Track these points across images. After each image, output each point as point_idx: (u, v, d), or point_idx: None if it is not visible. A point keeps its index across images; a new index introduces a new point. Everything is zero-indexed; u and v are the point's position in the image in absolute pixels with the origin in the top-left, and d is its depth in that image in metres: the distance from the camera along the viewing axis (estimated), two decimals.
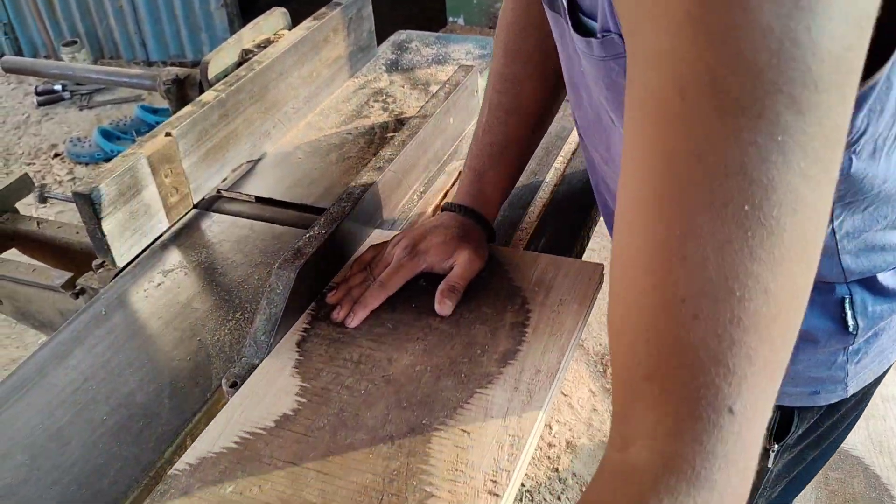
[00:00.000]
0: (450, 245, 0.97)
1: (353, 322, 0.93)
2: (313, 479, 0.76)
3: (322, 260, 0.98)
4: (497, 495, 0.72)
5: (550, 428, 2.10)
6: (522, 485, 1.98)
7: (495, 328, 0.91)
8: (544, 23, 0.98)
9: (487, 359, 0.86)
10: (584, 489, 1.92)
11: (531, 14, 0.99)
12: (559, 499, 1.95)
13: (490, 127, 1.03)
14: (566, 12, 0.69)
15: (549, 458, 2.03)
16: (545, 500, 1.95)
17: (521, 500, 1.95)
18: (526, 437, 0.77)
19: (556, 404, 2.17)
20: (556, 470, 2.00)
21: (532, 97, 1.02)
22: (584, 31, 0.67)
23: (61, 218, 2.91)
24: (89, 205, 1.05)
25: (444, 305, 0.93)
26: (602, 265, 0.97)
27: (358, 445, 0.79)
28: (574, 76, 0.82)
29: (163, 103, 3.66)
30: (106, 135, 3.42)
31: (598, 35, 0.64)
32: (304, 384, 0.87)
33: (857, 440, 2.00)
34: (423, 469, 0.75)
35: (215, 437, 0.81)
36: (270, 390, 0.86)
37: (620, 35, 0.61)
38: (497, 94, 1.02)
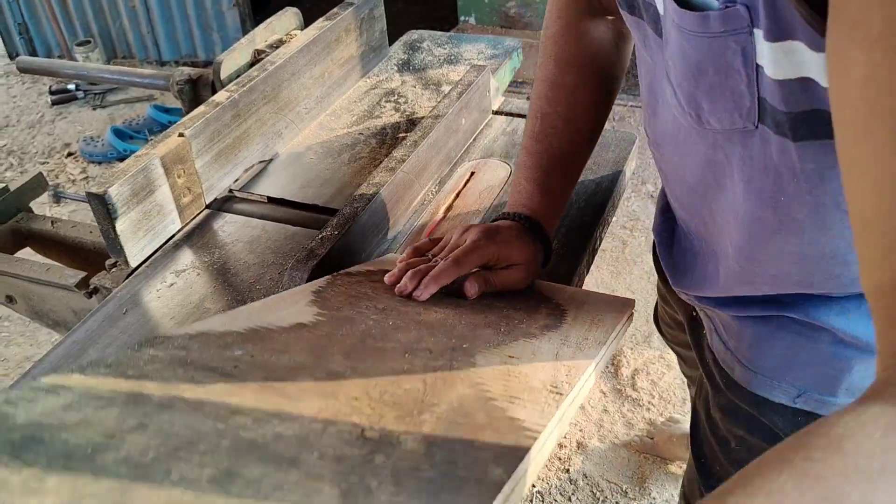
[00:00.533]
0: (515, 250, 0.92)
1: (424, 295, 0.85)
2: (338, 362, 0.67)
3: (334, 261, 0.98)
4: (560, 393, 0.64)
5: None
6: (533, 486, 1.97)
7: (532, 312, 0.85)
8: (593, 30, 0.98)
9: (527, 325, 0.80)
10: (594, 491, 1.92)
11: (581, 22, 0.98)
12: (570, 500, 1.94)
13: (545, 136, 0.99)
14: None
15: (559, 458, 2.03)
16: (556, 501, 1.94)
17: (531, 501, 1.94)
18: (579, 377, 0.68)
19: None
20: (567, 471, 2.00)
21: (586, 105, 0.99)
22: (692, 6, 0.64)
23: (75, 217, 2.92)
24: (103, 205, 1.05)
25: (472, 286, 0.88)
26: (633, 301, 0.92)
27: (390, 351, 0.70)
28: (654, 82, 0.81)
29: (175, 103, 3.68)
30: (119, 134, 3.44)
31: (720, 5, 0.61)
32: (322, 311, 0.77)
33: None
34: (472, 367, 0.67)
35: (216, 323, 0.71)
36: (284, 305, 0.77)
37: (747, 6, 0.59)
38: (549, 103, 0.99)
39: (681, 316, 1.11)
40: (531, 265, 0.93)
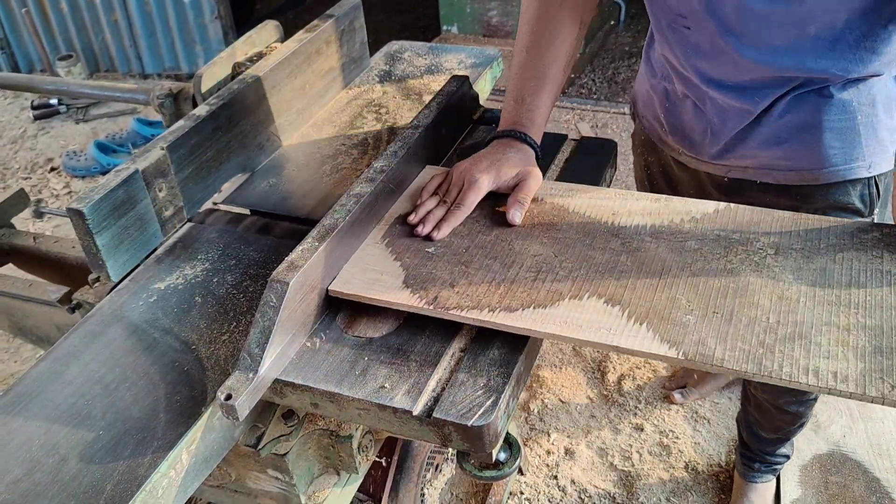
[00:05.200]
0: (514, 165, 1.14)
1: (440, 235, 1.08)
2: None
3: (315, 272, 0.98)
4: None
5: (549, 435, 2.10)
6: (521, 492, 1.98)
7: None
8: None
9: None
10: (582, 497, 1.93)
11: None
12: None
13: (529, 64, 1.22)
14: None
15: (547, 465, 2.03)
16: None
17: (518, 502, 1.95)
18: None
19: (553, 412, 2.17)
20: (555, 477, 2.00)
21: (565, 37, 1.21)
22: None
23: (58, 232, 2.91)
24: (83, 220, 1.05)
25: (516, 216, 1.10)
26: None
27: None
28: None
29: (159, 116, 3.67)
30: (102, 148, 3.43)
31: None
32: (425, 249, 1.08)
33: (856, 443, 2.00)
34: None
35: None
36: (382, 257, 1.07)
37: None
38: (533, 34, 1.22)
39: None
40: (531, 165, 1.16)
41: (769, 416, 1.70)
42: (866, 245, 1.00)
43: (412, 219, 1.12)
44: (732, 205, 1.09)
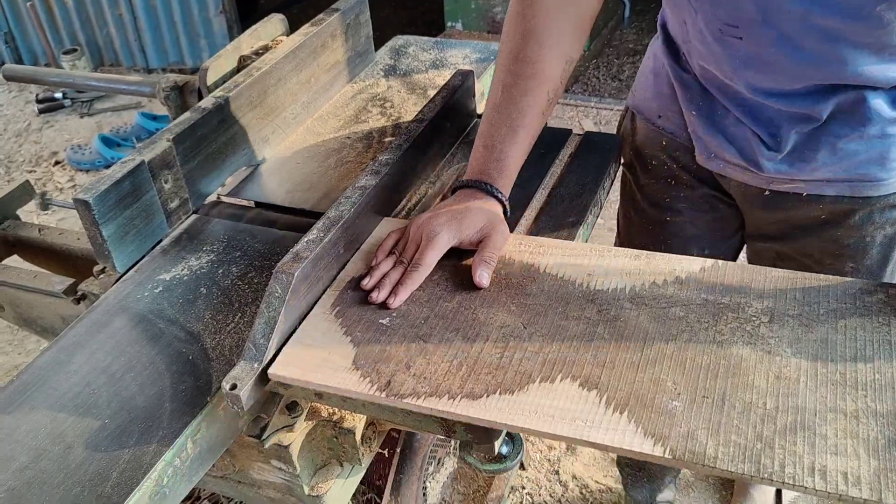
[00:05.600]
0: (477, 219, 1.03)
1: (396, 302, 0.97)
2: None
3: (320, 264, 0.99)
4: None
5: None
6: (522, 487, 1.98)
7: None
8: (557, 10, 1.08)
9: None
10: (584, 492, 1.93)
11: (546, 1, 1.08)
12: (559, 502, 1.95)
13: (503, 106, 1.09)
14: None
15: (549, 460, 2.04)
16: (545, 502, 1.95)
17: (521, 503, 1.95)
18: None
19: None
20: (557, 472, 2.01)
21: (545, 79, 1.09)
22: None
23: (63, 225, 2.92)
24: (89, 211, 1.05)
25: (483, 277, 0.99)
26: None
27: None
28: None
29: (163, 110, 3.68)
30: (106, 142, 3.44)
31: None
32: (379, 320, 0.96)
33: None
34: None
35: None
36: (331, 333, 0.95)
37: None
38: (511, 74, 1.09)
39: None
40: (497, 220, 1.04)
41: None
42: (870, 310, 0.90)
43: (366, 283, 1.00)
44: (720, 262, 0.99)
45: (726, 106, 1.15)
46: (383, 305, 0.97)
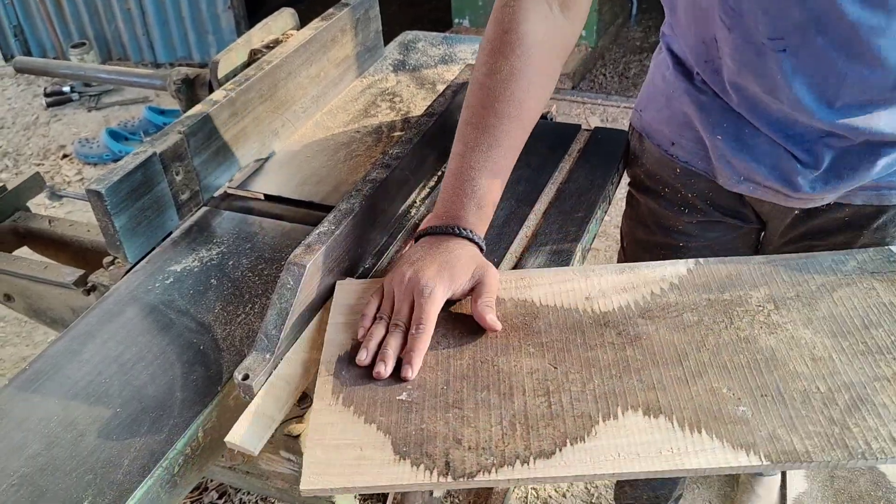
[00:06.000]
0: (466, 266, 0.95)
1: (413, 371, 0.87)
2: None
3: (331, 256, 0.99)
4: None
5: None
6: None
7: None
8: (537, 18, 1.00)
9: None
10: (588, 487, 1.93)
11: (524, 7, 1.00)
12: (564, 496, 1.96)
13: (479, 131, 1.00)
14: None
15: None
16: (551, 496, 1.96)
17: (526, 497, 1.96)
18: None
19: None
20: None
21: (529, 118, 1.02)
22: None
23: (71, 217, 2.93)
24: (102, 201, 1.06)
25: (495, 322, 0.92)
26: None
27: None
28: None
29: (170, 104, 3.69)
30: (114, 135, 3.45)
31: None
32: (396, 397, 0.85)
33: None
34: None
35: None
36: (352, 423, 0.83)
37: None
38: (486, 91, 1.00)
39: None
40: (484, 263, 0.97)
41: None
42: (852, 278, 0.96)
43: (362, 358, 0.89)
44: (701, 260, 1.00)
45: (756, 126, 1.08)
46: (393, 378, 0.87)
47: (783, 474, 1.95)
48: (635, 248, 1.40)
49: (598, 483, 1.96)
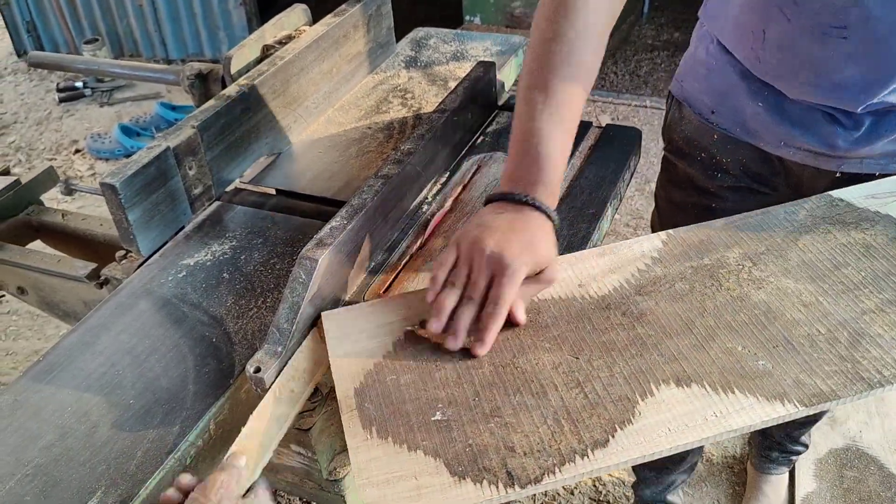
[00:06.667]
0: (549, 251, 0.92)
1: (484, 349, 0.87)
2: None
3: (343, 251, 1.00)
4: None
5: None
6: None
7: None
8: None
9: None
10: (596, 485, 1.93)
11: None
12: (572, 494, 1.96)
13: (550, 109, 0.96)
14: None
15: None
16: (559, 494, 1.96)
17: (533, 496, 1.96)
18: None
19: None
20: None
21: (586, 57, 0.99)
22: None
23: (83, 212, 2.95)
24: (116, 195, 1.07)
25: (523, 316, 0.90)
26: None
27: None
28: None
29: (182, 100, 3.70)
30: (126, 131, 3.47)
31: None
32: (430, 419, 0.82)
33: (872, 438, 2.00)
34: None
35: None
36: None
37: None
38: (549, 55, 0.98)
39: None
40: (554, 255, 0.94)
41: None
42: (807, 226, 1.01)
43: (435, 328, 0.88)
44: (671, 231, 1.03)
45: (797, 100, 1.13)
46: (421, 399, 0.84)
47: (791, 474, 1.95)
48: (669, 208, 1.44)
49: (605, 479, 1.97)
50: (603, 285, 0.97)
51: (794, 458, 1.89)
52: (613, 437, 0.78)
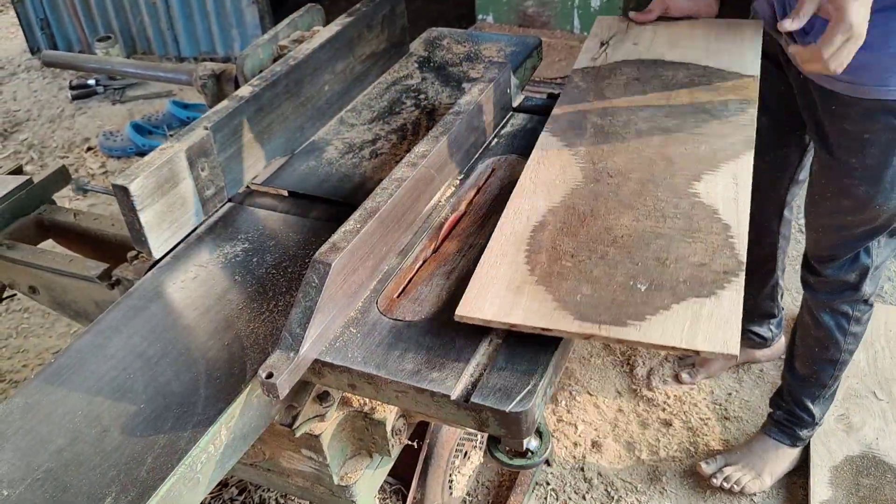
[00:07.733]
0: None
1: (841, 66, 1.12)
2: None
3: (357, 254, 0.98)
4: None
5: (576, 427, 2.10)
6: (547, 483, 1.97)
7: None
8: None
9: None
10: (609, 490, 1.92)
11: None
12: (584, 498, 1.94)
13: None
14: None
15: (574, 457, 2.03)
16: (570, 499, 1.94)
17: (546, 498, 1.95)
18: None
19: (581, 404, 2.17)
20: (582, 470, 2.00)
21: None
22: None
23: (93, 210, 2.95)
24: (128, 196, 1.06)
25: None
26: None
27: None
28: None
29: (194, 99, 3.70)
30: (138, 129, 3.47)
31: None
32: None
33: (888, 445, 1.97)
34: None
35: None
36: None
37: None
38: None
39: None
40: None
41: (806, 335, 1.76)
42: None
43: (790, 23, 1.12)
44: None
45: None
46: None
47: (806, 479, 1.93)
48: None
49: (617, 485, 1.95)
50: (563, 185, 1.18)
51: (799, 430, 1.87)
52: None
